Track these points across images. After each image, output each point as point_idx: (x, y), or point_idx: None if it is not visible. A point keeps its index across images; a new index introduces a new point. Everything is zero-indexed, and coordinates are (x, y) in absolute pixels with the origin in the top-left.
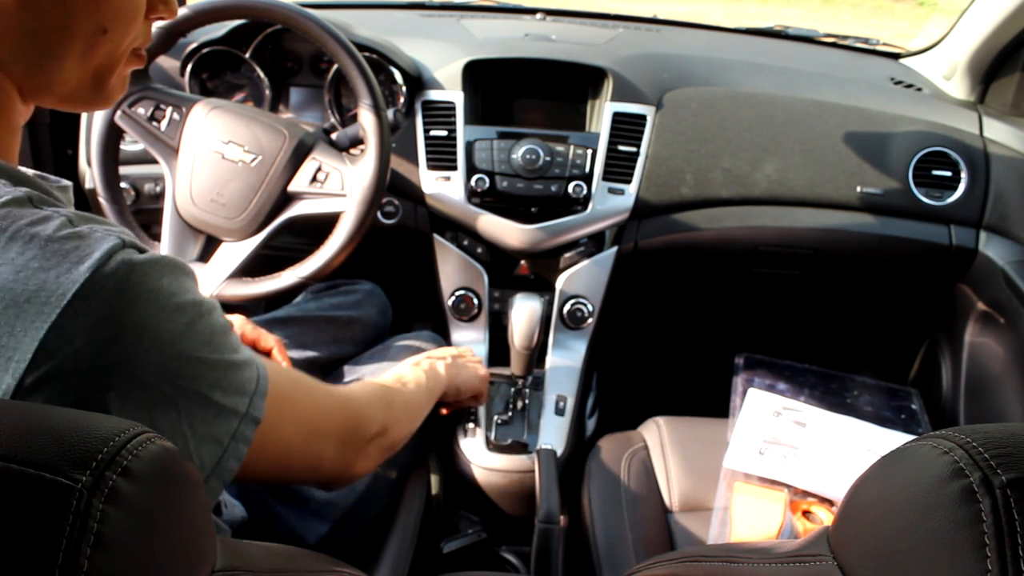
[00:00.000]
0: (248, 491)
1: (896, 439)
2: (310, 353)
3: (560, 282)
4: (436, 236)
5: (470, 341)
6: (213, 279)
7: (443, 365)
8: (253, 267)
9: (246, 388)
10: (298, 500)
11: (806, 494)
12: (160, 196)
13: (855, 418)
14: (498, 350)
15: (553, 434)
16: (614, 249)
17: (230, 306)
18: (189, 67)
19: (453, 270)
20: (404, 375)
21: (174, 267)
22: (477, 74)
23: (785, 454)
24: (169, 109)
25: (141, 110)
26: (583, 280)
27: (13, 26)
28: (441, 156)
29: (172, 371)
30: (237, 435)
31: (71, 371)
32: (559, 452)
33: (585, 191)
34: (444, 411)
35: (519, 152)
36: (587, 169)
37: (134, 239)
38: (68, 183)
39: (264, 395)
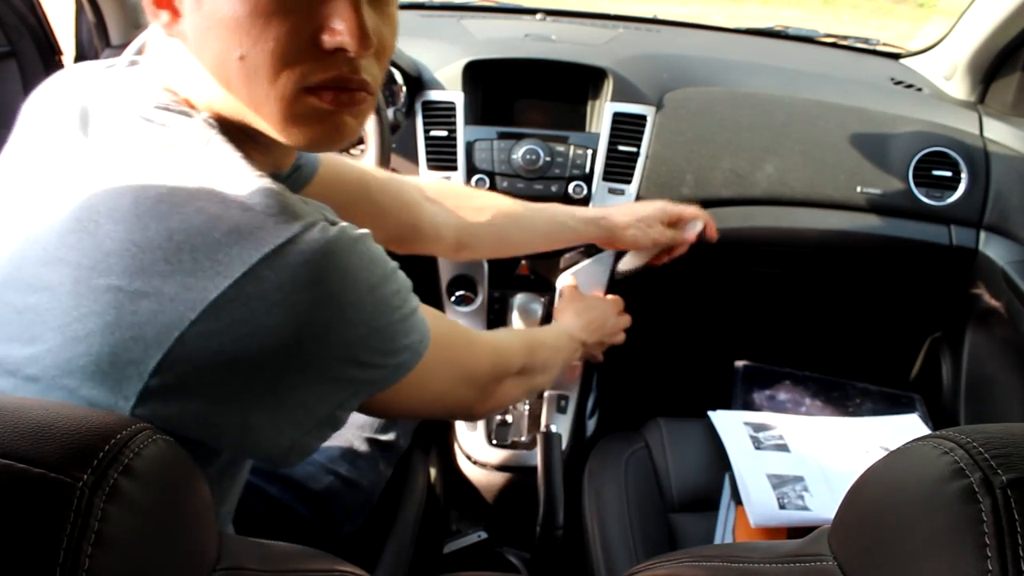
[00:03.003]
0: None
1: (880, 424)
2: None
3: (560, 281)
4: None
5: None
6: None
7: (580, 315)
8: None
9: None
10: (296, 490)
11: None
12: None
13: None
14: None
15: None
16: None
17: None
18: None
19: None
20: (550, 334)
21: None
22: (477, 74)
23: (799, 491)
24: None
25: None
26: (584, 279)
27: (201, 54)
28: (441, 156)
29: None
30: (371, 384)
31: None
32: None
33: (585, 191)
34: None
35: (519, 152)
36: (587, 169)
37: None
38: None
39: (420, 355)
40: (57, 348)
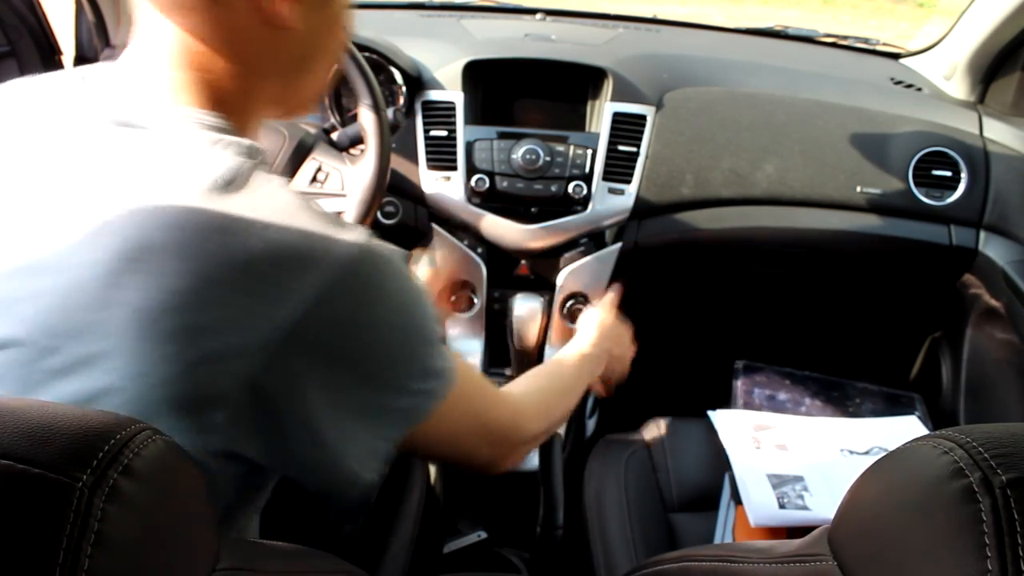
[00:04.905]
0: None
1: (880, 424)
2: None
3: (561, 278)
4: (435, 226)
5: (466, 340)
6: None
7: (600, 355)
8: None
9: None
10: (295, 491)
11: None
12: None
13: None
14: (498, 350)
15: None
16: (617, 245)
17: None
18: None
19: (451, 263)
20: (569, 376)
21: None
22: (477, 74)
23: (799, 491)
24: None
25: None
26: (585, 276)
27: (293, 47)
28: (441, 156)
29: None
30: (413, 414)
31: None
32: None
33: (585, 191)
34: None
35: (519, 152)
36: (587, 169)
37: None
38: None
39: (453, 383)
40: (133, 397)
